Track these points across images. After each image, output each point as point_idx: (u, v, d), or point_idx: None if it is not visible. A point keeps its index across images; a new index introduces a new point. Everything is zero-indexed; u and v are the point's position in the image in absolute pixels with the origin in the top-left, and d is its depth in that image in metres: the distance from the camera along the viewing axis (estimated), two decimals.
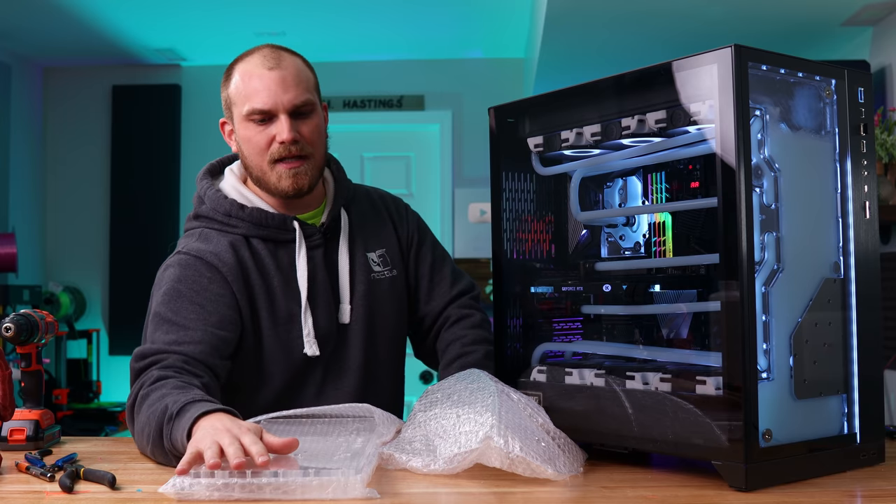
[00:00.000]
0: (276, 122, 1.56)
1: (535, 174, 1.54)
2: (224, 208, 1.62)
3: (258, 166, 1.59)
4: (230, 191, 1.66)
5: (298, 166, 1.57)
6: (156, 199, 5.41)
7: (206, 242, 1.60)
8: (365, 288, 1.66)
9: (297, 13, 4.58)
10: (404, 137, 5.47)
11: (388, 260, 1.71)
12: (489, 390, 1.34)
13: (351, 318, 1.65)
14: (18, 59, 5.16)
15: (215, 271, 1.57)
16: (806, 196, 1.26)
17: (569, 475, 1.23)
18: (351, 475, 1.12)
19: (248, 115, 1.57)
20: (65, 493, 1.17)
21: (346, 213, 1.70)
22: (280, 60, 1.58)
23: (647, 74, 1.30)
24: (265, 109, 1.55)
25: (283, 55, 1.60)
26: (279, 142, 1.55)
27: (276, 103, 1.55)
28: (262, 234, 1.61)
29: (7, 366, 1.41)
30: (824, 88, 1.30)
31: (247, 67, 1.58)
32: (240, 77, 1.59)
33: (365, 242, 1.70)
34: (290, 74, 1.57)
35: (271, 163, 1.57)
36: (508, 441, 1.19)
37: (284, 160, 1.57)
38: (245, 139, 1.59)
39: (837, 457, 1.25)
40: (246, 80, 1.57)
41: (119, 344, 5.36)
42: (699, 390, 1.22)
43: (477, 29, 4.89)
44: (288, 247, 1.63)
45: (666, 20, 3.83)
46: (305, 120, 1.58)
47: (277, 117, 1.56)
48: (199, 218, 1.66)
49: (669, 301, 1.43)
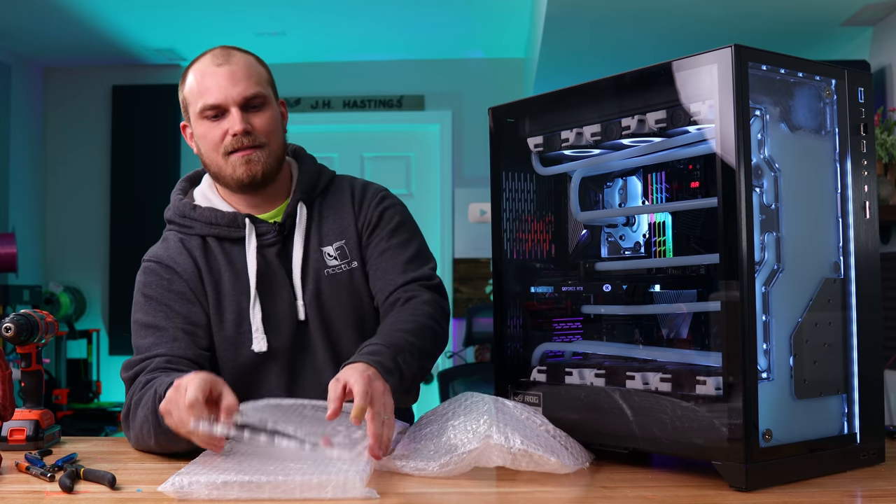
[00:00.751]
0: (228, 116, 1.59)
1: (535, 174, 1.54)
2: (180, 210, 1.68)
3: (214, 162, 1.63)
4: (198, 195, 1.71)
5: (251, 154, 1.60)
6: (156, 199, 5.39)
7: (165, 247, 1.67)
8: (315, 285, 1.65)
9: (297, 13, 4.58)
10: (404, 137, 5.47)
11: (346, 252, 1.68)
12: (484, 400, 1.34)
13: (307, 316, 1.65)
14: (18, 59, 5.16)
15: (173, 272, 1.62)
16: (806, 196, 1.26)
17: (574, 468, 1.23)
18: (351, 475, 1.12)
19: (201, 111, 1.60)
20: (65, 493, 1.17)
21: (307, 208, 1.70)
22: (229, 57, 1.62)
23: (647, 74, 1.30)
24: (216, 104, 1.59)
25: (233, 52, 1.64)
26: (231, 134, 1.59)
27: (226, 97, 1.58)
28: (214, 232, 1.65)
29: (7, 366, 1.41)
30: (824, 88, 1.30)
31: (198, 67, 1.63)
32: (192, 77, 1.63)
33: (321, 237, 1.69)
34: (240, 69, 1.61)
35: (225, 155, 1.61)
36: (508, 437, 1.20)
37: (237, 150, 1.60)
38: (201, 136, 1.63)
39: (837, 457, 1.25)
40: (198, 79, 1.61)
41: (119, 344, 5.36)
42: (699, 390, 1.22)
43: (477, 29, 4.89)
44: (241, 244, 1.65)
45: (666, 20, 3.83)
46: (257, 112, 1.61)
47: (229, 111, 1.59)
48: (167, 223, 1.73)
49: (669, 301, 1.43)
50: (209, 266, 1.63)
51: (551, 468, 1.21)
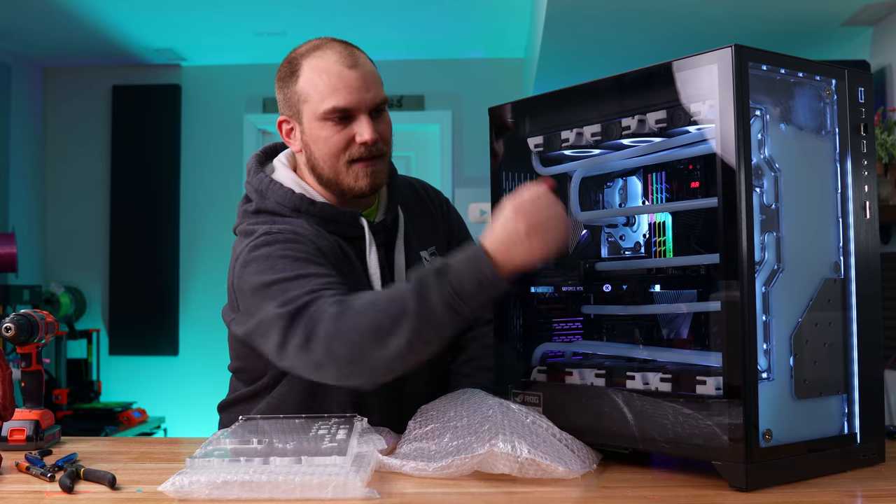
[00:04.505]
0: (357, 122, 1.51)
1: (535, 174, 1.54)
2: (293, 203, 1.55)
3: (332, 167, 1.54)
4: (291, 184, 1.58)
5: (375, 164, 1.54)
6: (156, 199, 5.41)
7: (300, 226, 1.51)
8: None
9: (297, 13, 4.58)
10: (404, 137, 5.45)
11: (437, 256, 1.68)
12: (487, 403, 1.34)
13: None
14: (18, 59, 5.16)
15: (317, 247, 1.49)
16: (806, 196, 1.26)
17: (581, 473, 1.23)
18: (351, 475, 1.12)
19: (326, 113, 1.51)
20: (65, 493, 1.17)
21: (402, 212, 1.67)
22: (357, 59, 1.54)
23: (647, 74, 1.30)
24: (348, 108, 1.50)
25: (358, 53, 1.56)
26: (361, 142, 1.51)
27: (359, 101, 1.50)
28: (331, 229, 1.55)
29: (7, 366, 1.41)
30: (824, 88, 1.30)
31: (322, 64, 1.52)
32: (315, 73, 1.52)
33: (420, 241, 1.67)
34: (370, 73, 1.53)
35: (349, 163, 1.53)
36: (515, 445, 1.18)
37: (363, 159, 1.53)
38: (320, 139, 1.53)
39: (837, 457, 1.25)
40: (324, 78, 1.51)
41: (119, 344, 5.36)
42: (699, 390, 1.22)
43: (477, 29, 4.89)
44: (354, 244, 1.58)
45: (666, 20, 3.83)
46: (381, 118, 1.55)
47: (357, 117, 1.51)
48: (261, 213, 1.57)
49: (669, 301, 1.43)
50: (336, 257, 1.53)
51: (559, 476, 1.19)
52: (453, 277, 1.28)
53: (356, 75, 1.51)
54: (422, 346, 1.30)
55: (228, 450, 1.22)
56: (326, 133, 1.52)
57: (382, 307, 1.30)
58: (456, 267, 1.30)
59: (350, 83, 1.50)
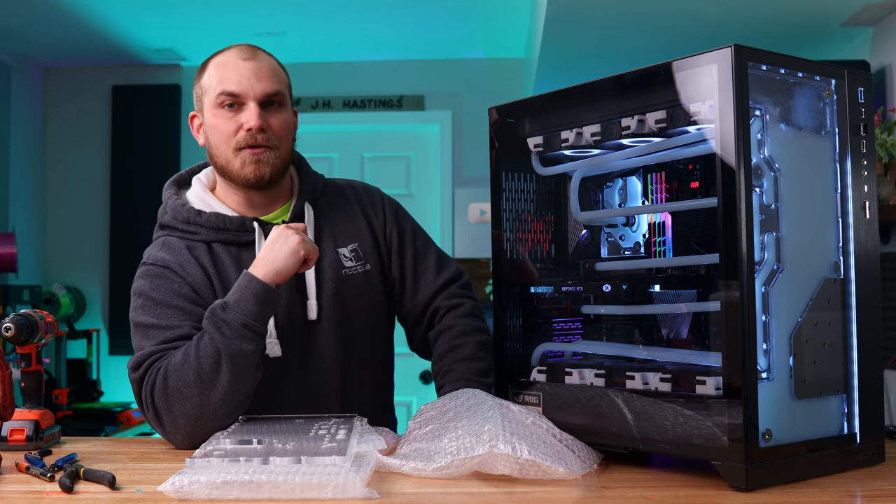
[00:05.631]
0: (245, 110, 1.57)
1: (535, 174, 1.54)
2: (182, 216, 1.64)
3: (223, 154, 1.60)
4: (193, 199, 1.68)
5: (262, 153, 1.58)
6: (156, 200, 5.39)
7: (170, 252, 1.62)
8: (334, 284, 1.64)
9: (297, 13, 4.58)
10: (404, 137, 5.47)
11: (360, 255, 1.69)
12: (487, 404, 1.34)
13: (320, 315, 1.63)
14: (18, 59, 5.16)
15: (182, 279, 1.59)
16: (806, 196, 1.26)
17: (582, 473, 1.23)
18: (351, 475, 1.12)
19: (218, 97, 1.58)
20: (65, 493, 1.17)
21: (313, 209, 1.69)
22: (256, 54, 1.61)
23: (646, 74, 1.30)
24: (236, 93, 1.57)
25: (259, 51, 1.63)
26: (246, 129, 1.57)
27: (247, 89, 1.57)
28: (222, 237, 1.62)
29: (7, 366, 1.41)
30: (824, 88, 1.30)
31: (221, 59, 1.62)
32: (213, 67, 1.61)
33: (335, 237, 1.69)
34: (265, 66, 1.60)
35: (236, 150, 1.58)
36: (515, 446, 1.18)
37: (249, 147, 1.58)
38: (212, 127, 1.60)
39: (837, 457, 1.25)
40: (220, 70, 1.60)
41: (119, 343, 5.36)
42: (699, 390, 1.22)
43: (477, 29, 4.89)
44: (251, 248, 1.62)
45: (666, 20, 3.83)
46: (274, 112, 1.60)
47: (247, 104, 1.57)
48: (162, 227, 1.69)
49: (669, 301, 1.43)
50: (218, 273, 1.60)
51: (560, 477, 1.19)
52: (235, 303, 1.45)
53: (249, 65, 1.58)
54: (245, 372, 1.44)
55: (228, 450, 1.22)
56: (218, 120, 1.60)
57: (194, 354, 1.44)
58: (235, 295, 1.46)
59: (241, 71, 1.58)
